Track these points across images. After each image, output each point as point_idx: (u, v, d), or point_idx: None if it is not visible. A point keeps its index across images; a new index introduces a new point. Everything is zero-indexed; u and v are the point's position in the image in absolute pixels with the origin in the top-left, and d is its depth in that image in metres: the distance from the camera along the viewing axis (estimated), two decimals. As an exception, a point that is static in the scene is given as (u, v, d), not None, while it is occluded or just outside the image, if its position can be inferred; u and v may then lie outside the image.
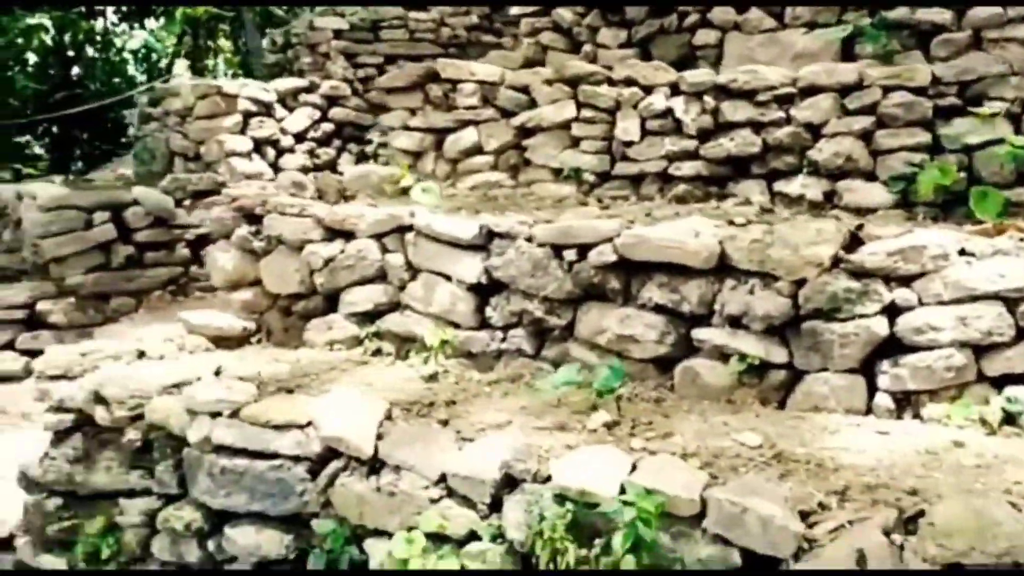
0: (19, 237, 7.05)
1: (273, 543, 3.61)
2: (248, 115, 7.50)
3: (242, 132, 7.48)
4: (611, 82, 5.14)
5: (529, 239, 4.10)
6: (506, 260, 4.12)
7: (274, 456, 3.64)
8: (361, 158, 8.02)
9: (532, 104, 5.41)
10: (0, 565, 4.84)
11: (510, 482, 3.17)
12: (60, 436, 4.39)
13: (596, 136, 5.17)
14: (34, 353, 6.13)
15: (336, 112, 8.06)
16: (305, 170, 7.78)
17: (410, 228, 4.50)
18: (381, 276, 4.62)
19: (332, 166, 7.97)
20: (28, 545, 4.63)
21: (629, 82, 5.07)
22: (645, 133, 5.03)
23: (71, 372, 4.49)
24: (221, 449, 3.77)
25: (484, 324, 4.28)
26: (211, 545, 3.83)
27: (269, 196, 5.01)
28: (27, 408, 6.06)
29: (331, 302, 4.82)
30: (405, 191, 5.42)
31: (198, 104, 7.46)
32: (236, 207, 5.06)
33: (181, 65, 16.54)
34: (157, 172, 7.86)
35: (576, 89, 5.24)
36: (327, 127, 8.01)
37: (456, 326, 4.32)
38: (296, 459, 3.60)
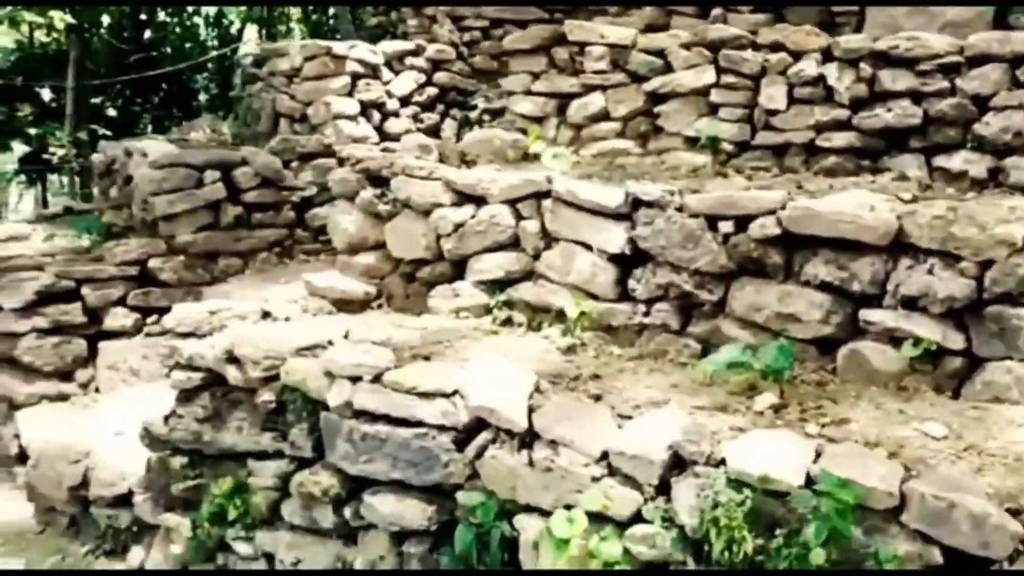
0: (128, 193, 7.05)
1: (415, 513, 3.50)
2: (356, 77, 7.37)
3: (349, 95, 7.36)
4: (755, 47, 4.88)
5: (680, 208, 3.89)
6: (654, 230, 3.93)
7: (418, 424, 3.52)
8: (464, 124, 7.85)
9: (666, 69, 5.18)
10: (117, 521, 4.84)
11: (678, 463, 3.00)
12: (188, 394, 4.35)
13: (737, 103, 4.93)
14: (144, 310, 6.15)
15: (440, 76, 7.89)
16: (408, 134, 7.65)
17: (547, 194, 4.32)
18: (513, 243, 4.47)
19: (435, 131, 7.82)
20: (148, 502, 4.62)
21: (776, 47, 4.81)
22: (792, 101, 4.77)
23: (200, 330, 4.44)
24: (362, 414, 3.66)
25: (625, 296, 4.11)
26: (347, 511, 3.74)
27: (396, 158, 4.87)
28: (136, 364, 6.07)
29: (458, 269, 4.68)
30: (527, 156, 5.26)
31: (306, 65, 7.36)
32: (361, 169, 4.94)
33: (251, 30, 16.57)
34: (262, 133, 7.81)
35: (717, 54, 4.99)
36: (431, 91, 7.85)
37: (594, 297, 4.15)
38: (441, 428, 3.48)
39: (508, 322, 4.42)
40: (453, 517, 3.52)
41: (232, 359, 4.15)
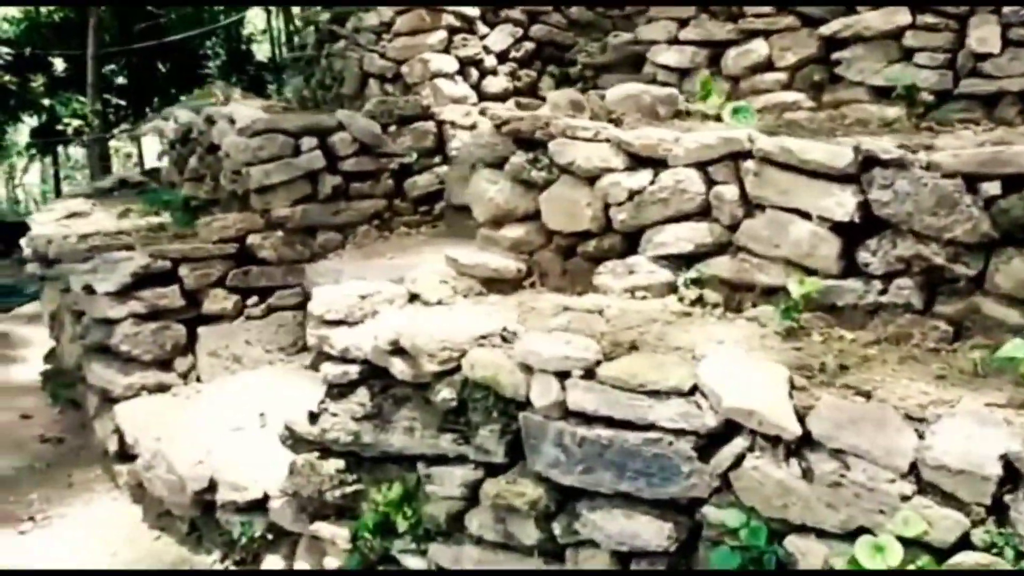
0: (212, 164, 6.52)
1: (651, 531, 2.99)
2: (452, 31, 6.78)
3: (446, 51, 6.77)
4: (960, -18, 4.29)
5: (927, 167, 3.33)
6: (896, 193, 3.36)
7: (650, 428, 3.00)
8: (563, 81, 7.26)
9: (848, 10, 4.58)
10: (251, 529, 4.36)
11: (1012, 477, 2.47)
12: (342, 390, 3.86)
13: (937, 47, 4.33)
14: (243, 291, 5.64)
15: (537, 30, 7.28)
16: (506, 94, 7.08)
17: (747, 155, 3.76)
18: (702, 212, 3.92)
19: (533, 90, 7.24)
20: (290, 508, 4.15)
21: (986, -19, 4.22)
22: (1007, 44, 4.17)
23: (351, 317, 3.92)
24: (575, 416, 3.15)
25: (851, 271, 3.56)
26: (557, 527, 3.23)
27: (552, 118, 4.31)
28: (238, 350, 5.58)
29: (630, 242, 4.14)
30: (680, 114, 4.69)
31: (399, 19, 6.77)
32: (509, 131, 4.38)
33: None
34: (345, 96, 7.24)
35: (910, -9, 4.40)
36: (528, 46, 7.25)
37: (812, 272, 3.60)
38: (679, 433, 2.96)
39: (699, 303, 3.89)
40: (692, 536, 3.02)
41: (398, 350, 3.64)
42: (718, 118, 4.66)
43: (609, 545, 3.08)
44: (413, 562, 3.71)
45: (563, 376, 3.18)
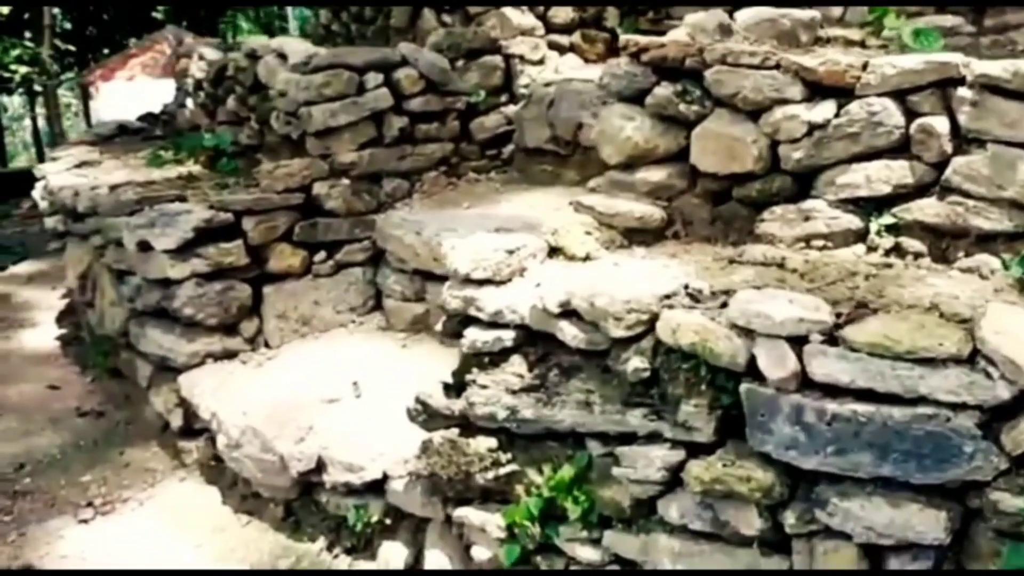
0: (257, 105, 5.87)
1: (925, 521, 2.55)
2: (513, -47, 6.17)
3: (509, -25, 6.16)
4: None
5: None
6: None
7: (918, 401, 2.55)
8: (631, 10, 6.68)
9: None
10: (366, 513, 3.87)
11: None
12: (493, 359, 3.35)
13: None
14: (310, 246, 5.07)
15: (599, -46, 6.67)
16: (573, 24, 6.49)
17: (957, 82, 3.28)
18: (899, 148, 3.44)
19: (598, 21, 6.64)
20: (418, 491, 3.66)
21: None
22: None
23: (498, 275, 3.39)
24: (816, 388, 2.68)
25: (1092, 214, 3.12)
26: (790, 516, 2.78)
27: (704, 44, 3.78)
28: (307, 311, 5.04)
29: (802, 184, 3.66)
30: (820, 40, 4.19)
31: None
32: (652, 59, 3.85)
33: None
34: (395, 28, 6.59)
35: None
36: (590, -28, 6.64)
37: (1043, 216, 3.16)
38: (957, 407, 2.51)
39: (895, 251, 3.44)
40: (964, 525, 2.59)
41: (568, 312, 3.14)
42: (863, 44, 4.18)
43: (866, 537, 2.64)
44: (584, 552, 3.26)
45: (798, 342, 2.70)
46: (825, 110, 3.50)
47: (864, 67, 3.45)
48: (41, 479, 4.84)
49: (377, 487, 3.87)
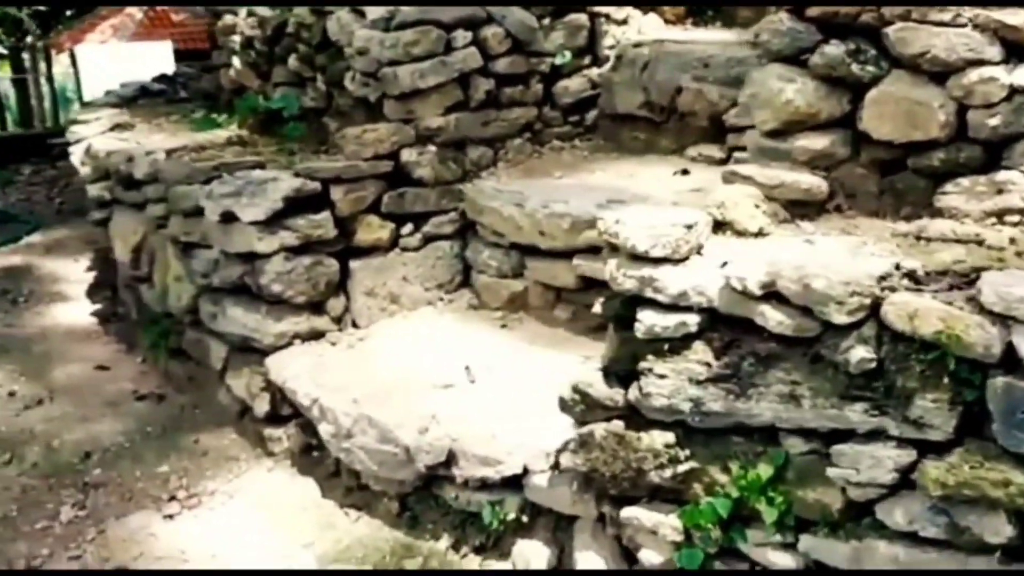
0: (325, 64, 5.46)
1: None
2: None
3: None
4: None
5: None
6: None
7: None
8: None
9: None
10: (501, 510, 3.55)
11: None
12: (673, 345, 3.01)
13: None
14: (398, 217, 4.70)
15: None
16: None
17: None
18: (1112, 113, 3.13)
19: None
20: (568, 487, 3.33)
21: None
22: None
23: (677, 253, 3.05)
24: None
25: None
26: (1050, 523, 2.49)
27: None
28: (395, 288, 4.69)
29: (992, 154, 3.34)
30: None
31: None
32: (823, 13, 3.49)
33: None
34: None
35: None
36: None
37: None
38: None
39: (1110, 227, 3.14)
40: None
41: (770, 295, 2.81)
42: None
43: None
44: (777, 558, 2.96)
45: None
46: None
47: (1074, 24, 3.12)
48: (112, 469, 4.47)
49: (514, 482, 3.55)
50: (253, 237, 4.30)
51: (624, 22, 5.76)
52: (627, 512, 3.17)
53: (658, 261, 3.03)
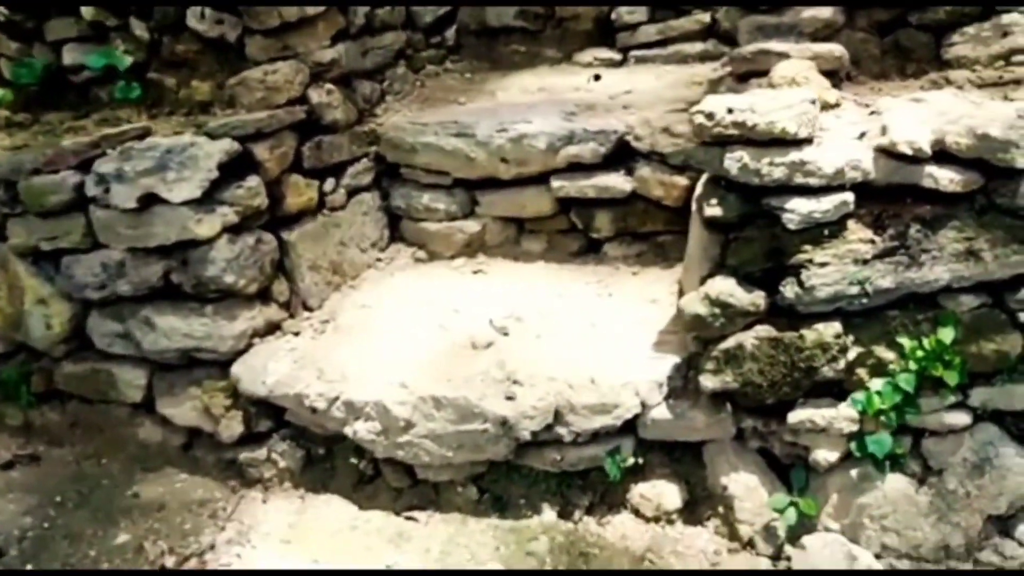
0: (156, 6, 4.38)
1: None
2: None
3: None
4: None
5: None
6: None
7: None
8: None
9: None
10: (617, 459, 3.24)
11: None
12: (832, 229, 2.87)
13: None
14: (319, 173, 4.02)
15: None
16: None
17: None
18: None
19: None
20: (695, 412, 3.11)
21: None
22: None
23: (814, 133, 2.86)
24: None
25: None
26: None
27: None
28: (335, 256, 4.12)
29: (988, 3, 3.52)
30: None
31: None
32: None
33: None
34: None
35: None
36: None
37: None
38: None
39: (1105, 54, 3.45)
40: None
41: (936, 154, 2.75)
42: None
43: None
44: (955, 419, 2.96)
45: None
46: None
47: None
48: (53, 559, 3.36)
49: (628, 425, 3.19)
50: (189, 220, 3.37)
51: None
52: (795, 416, 2.98)
53: (801, 143, 2.81)
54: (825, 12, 3.56)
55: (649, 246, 4.05)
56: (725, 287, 2.94)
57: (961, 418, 2.95)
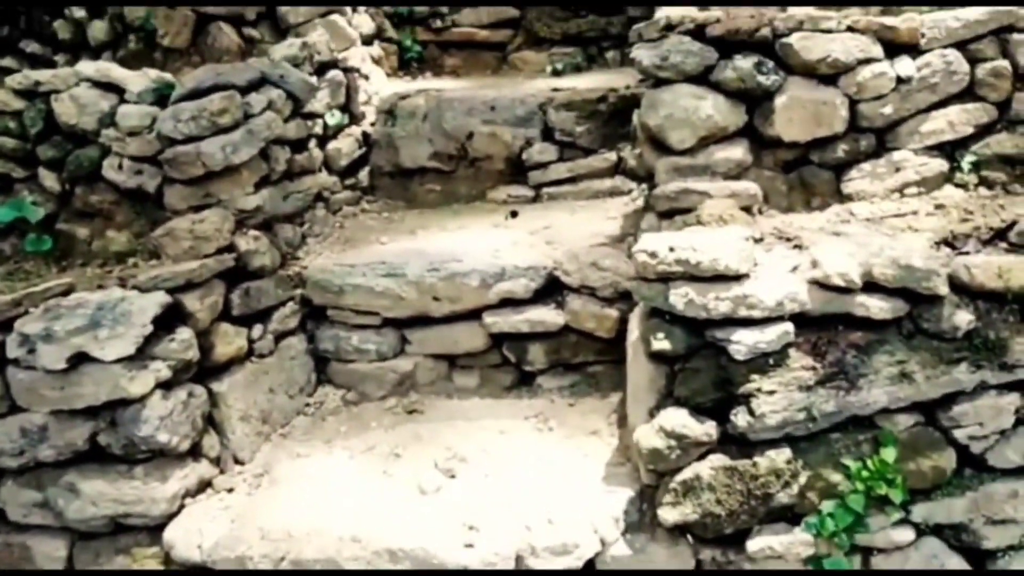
0: (72, 156, 4.30)
1: None
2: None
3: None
4: None
5: None
6: None
7: None
8: (407, 18, 6.28)
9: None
10: None
11: None
12: (776, 359, 3.04)
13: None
14: (247, 320, 3.99)
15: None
16: (373, 35, 5.88)
17: (1008, 29, 3.78)
18: (966, 92, 3.82)
19: (379, 31, 6.10)
20: (655, 544, 3.15)
21: None
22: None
23: (752, 268, 3.03)
24: None
25: None
26: None
27: (777, 13, 3.77)
28: (265, 405, 4.01)
29: (880, 140, 3.87)
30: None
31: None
32: (723, 32, 3.73)
33: None
34: (169, 48, 5.27)
35: None
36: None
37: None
38: None
39: (984, 184, 3.82)
40: None
41: (866, 284, 2.95)
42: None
43: None
44: (899, 535, 3.09)
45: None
46: (906, 65, 3.73)
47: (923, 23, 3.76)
48: None
49: (588, 564, 3.16)
50: (121, 378, 3.22)
51: (367, 77, 5.44)
52: (754, 544, 3.03)
53: (741, 278, 2.96)
54: (736, 153, 3.81)
55: (583, 376, 4.11)
56: (678, 419, 3.01)
57: (906, 534, 3.06)
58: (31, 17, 5.56)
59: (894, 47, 3.75)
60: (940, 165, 3.81)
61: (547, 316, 3.98)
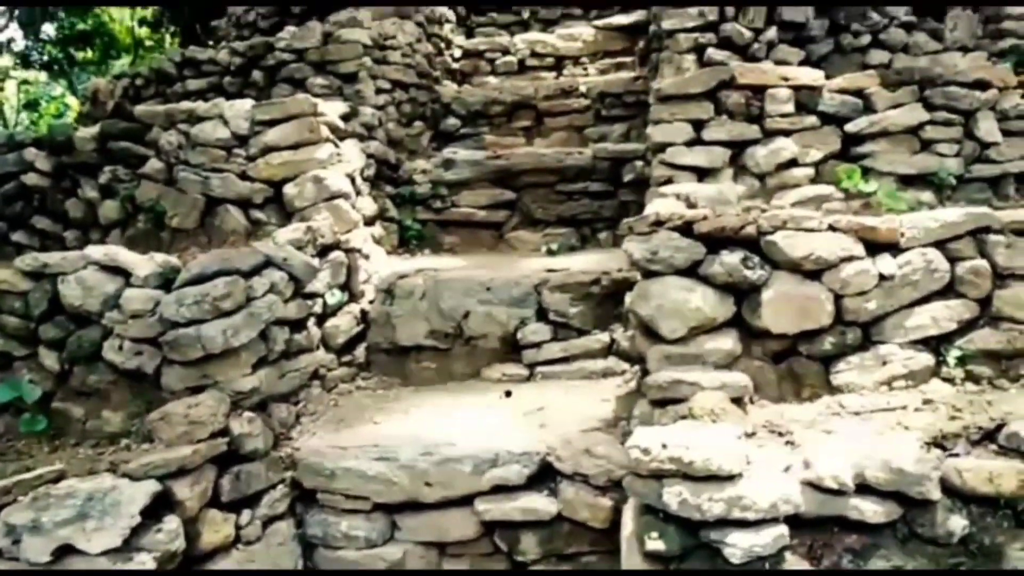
0: (72, 337, 4.37)
1: None
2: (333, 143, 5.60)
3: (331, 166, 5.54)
4: (959, 84, 5.06)
5: None
6: None
7: None
8: (407, 201, 6.51)
9: (866, 110, 5.07)
10: None
11: None
12: (772, 562, 2.98)
13: (951, 139, 5.04)
14: (236, 505, 3.95)
15: (371, 145, 6.38)
16: (375, 216, 6.09)
17: (986, 230, 3.95)
18: (946, 289, 3.95)
19: (382, 211, 6.32)
20: None
21: (981, 85, 5.05)
22: (1005, 134, 5.06)
23: (744, 469, 3.04)
24: None
25: None
26: None
27: (758, 213, 3.95)
28: None
29: (866, 333, 3.96)
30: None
31: (269, 131, 5.34)
32: (710, 229, 3.88)
33: None
34: (181, 229, 5.44)
35: (923, 92, 5.05)
36: (370, 164, 6.30)
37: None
38: None
39: (970, 379, 3.89)
40: None
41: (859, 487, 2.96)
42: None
43: None
44: None
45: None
46: (887, 263, 3.87)
47: (902, 223, 3.93)
48: None
49: None
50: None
51: (368, 257, 5.60)
52: None
53: (734, 478, 2.97)
54: (726, 343, 3.89)
55: (575, 567, 4.02)
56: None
57: None
58: (45, 196, 5.76)
59: (875, 246, 3.90)
60: (927, 359, 3.89)
61: (540, 504, 3.95)
